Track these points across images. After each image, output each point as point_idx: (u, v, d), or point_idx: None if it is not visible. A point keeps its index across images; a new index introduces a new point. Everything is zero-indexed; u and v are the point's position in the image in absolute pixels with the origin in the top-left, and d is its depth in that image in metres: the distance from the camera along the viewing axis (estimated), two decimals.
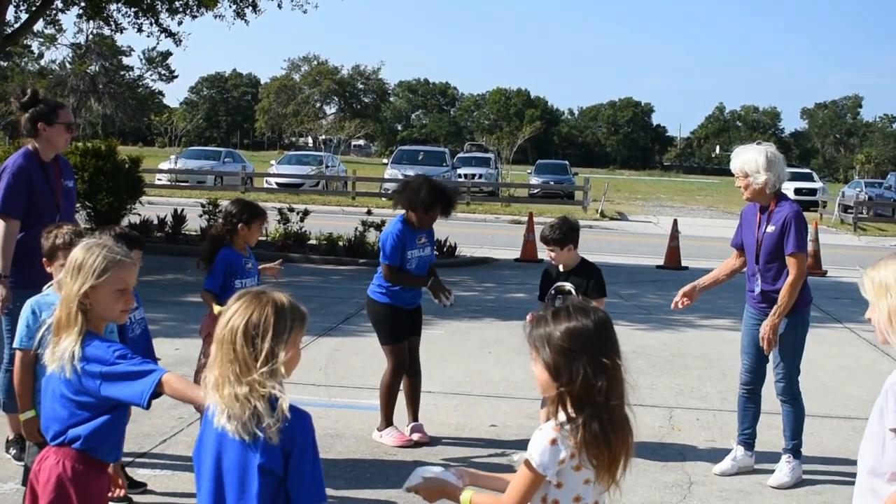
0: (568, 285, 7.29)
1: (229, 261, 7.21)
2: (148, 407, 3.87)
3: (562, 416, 3.24)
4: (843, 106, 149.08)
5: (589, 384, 3.20)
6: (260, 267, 7.66)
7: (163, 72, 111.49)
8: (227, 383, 3.30)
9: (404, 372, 7.90)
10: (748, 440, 7.48)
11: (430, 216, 7.84)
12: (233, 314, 3.37)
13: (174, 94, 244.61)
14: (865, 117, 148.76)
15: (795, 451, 7.30)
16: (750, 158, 7.16)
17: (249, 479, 3.33)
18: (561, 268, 7.39)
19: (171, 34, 24.74)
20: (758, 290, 7.28)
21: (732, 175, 7.38)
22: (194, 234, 20.07)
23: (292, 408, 3.37)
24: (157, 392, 3.86)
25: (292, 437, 3.33)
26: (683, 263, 20.54)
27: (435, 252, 8.41)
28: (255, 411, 3.28)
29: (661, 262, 20.84)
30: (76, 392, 3.90)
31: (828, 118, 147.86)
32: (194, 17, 23.85)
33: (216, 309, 6.82)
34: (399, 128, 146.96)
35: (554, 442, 3.21)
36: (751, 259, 7.36)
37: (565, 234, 7.32)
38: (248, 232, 7.30)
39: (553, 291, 7.36)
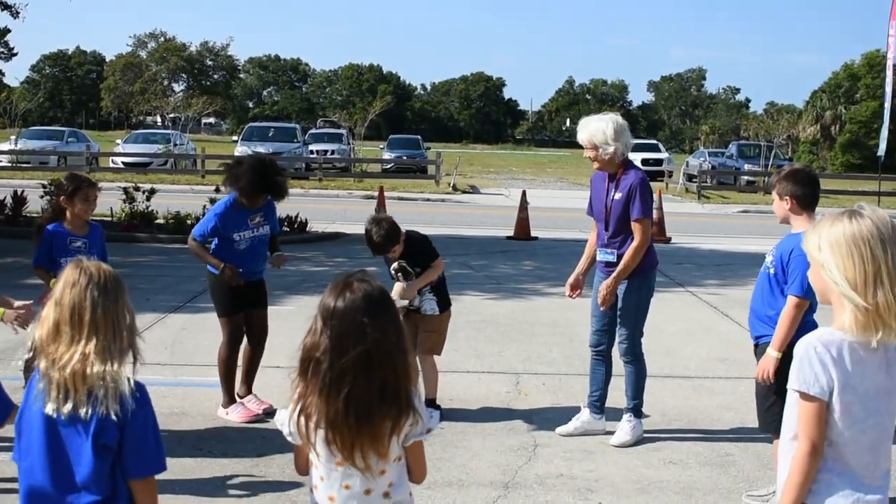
0: (403, 262, 7.77)
1: (53, 237, 7.02)
2: None
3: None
4: (688, 79, 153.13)
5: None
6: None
7: (1, 50, 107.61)
8: (64, 358, 3.27)
9: (239, 345, 7.84)
10: (596, 402, 7.61)
11: (257, 201, 7.78)
12: (65, 289, 3.32)
13: (14, 73, 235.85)
14: (709, 89, 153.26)
15: (636, 410, 7.48)
16: (597, 129, 7.23)
17: (84, 454, 3.30)
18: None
19: (6, 6, 23.80)
20: (606, 256, 7.40)
21: (582, 147, 7.45)
22: (36, 215, 19.43)
23: (129, 381, 3.36)
24: None
25: (128, 409, 3.31)
26: (533, 234, 20.86)
27: (283, 227, 8.39)
28: (92, 385, 3.26)
29: (511, 233, 21.09)
30: None
31: (673, 91, 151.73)
32: None
33: (52, 283, 6.66)
34: (251, 105, 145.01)
35: None
36: (601, 226, 7.46)
37: (384, 237, 7.59)
38: (72, 205, 7.03)
39: (392, 272, 7.69)
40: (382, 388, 3.25)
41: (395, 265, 7.77)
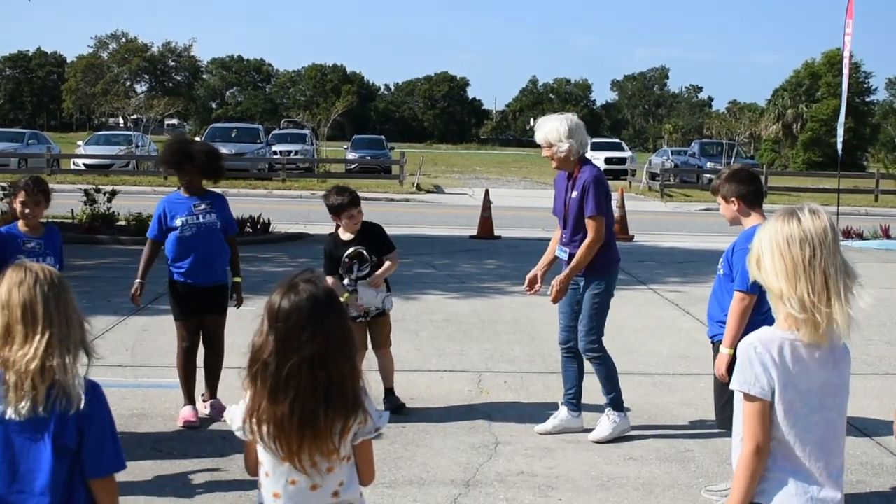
0: (360, 248, 7.80)
1: (5, 239, 6.98)
2: None
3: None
4: (651, 78, 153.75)
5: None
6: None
7: None
8: (19, 358, 3.23)
9: (189, 349, 7.83)
10: (572, 400, 7.63)
11: (192, 181, 7.81)
12: (12, 290, 3.28)
13: None
14: (672, 88, 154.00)
15: (615, 403, 7.48)
16: (552, 128, 7.32)
17: (44, 457, 3.27)
18: (346, 237, 7.72)
19: None
20: (565, 254, 7.43)
21: None
22: None
23: (85, 380, 3.33)
24: None
25: (87, 409, 3.29)
26: (496, 233, 20.89)
27: (245, 227, 8.40)
28: (51, 380, 3.22)
29: (474, 232, 21.11)
30: None
31: (637, 90, 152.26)
32: None
33: None
34: (214, 106, 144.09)
35: None
36: (561, 224, 7.53)
37: (353, 195, 7.88)
38: (15, 208, 7.02)
39: (347, 259, 7.67)
40: (328, 389, 3.25)
41: (350, 251, 7.80)
